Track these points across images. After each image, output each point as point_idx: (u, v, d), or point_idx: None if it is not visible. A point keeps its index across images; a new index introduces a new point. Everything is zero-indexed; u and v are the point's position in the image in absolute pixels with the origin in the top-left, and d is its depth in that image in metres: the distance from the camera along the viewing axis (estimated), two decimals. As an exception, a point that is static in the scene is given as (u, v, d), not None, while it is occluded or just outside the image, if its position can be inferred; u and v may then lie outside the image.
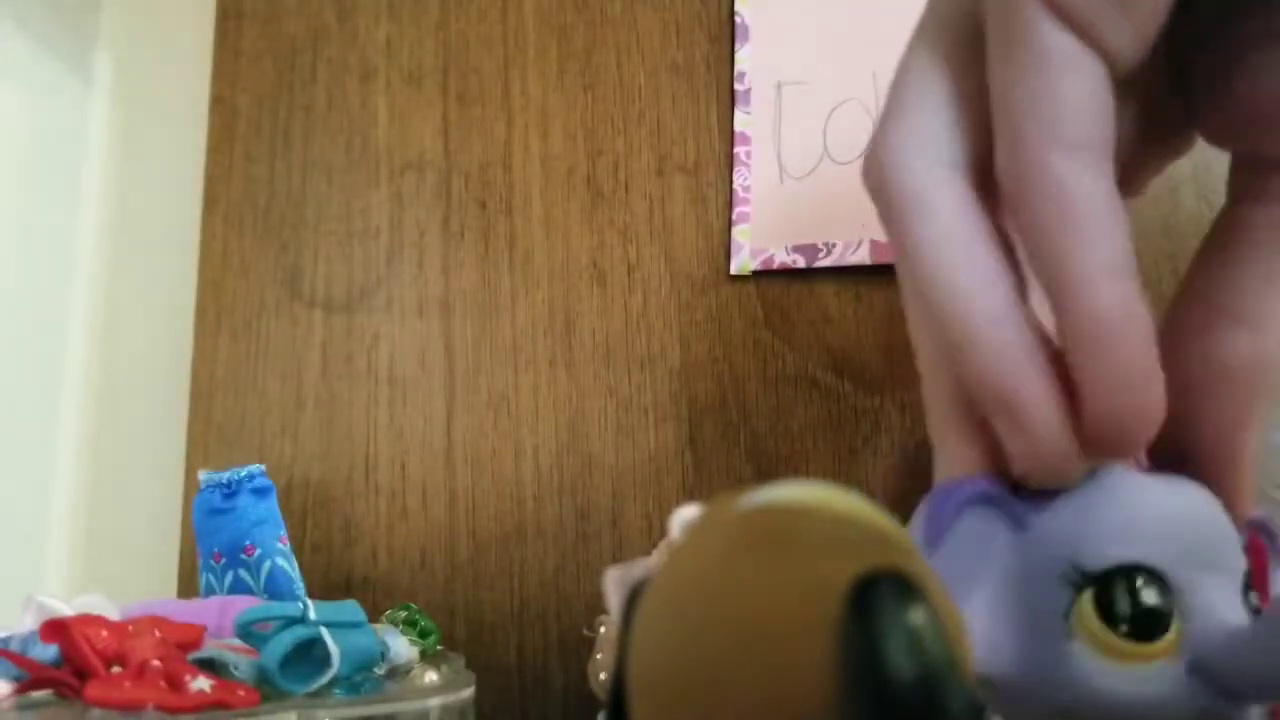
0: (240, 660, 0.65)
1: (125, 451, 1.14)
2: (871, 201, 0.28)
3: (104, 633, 0.58)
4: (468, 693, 0.77)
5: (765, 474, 0.97)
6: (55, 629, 0.58)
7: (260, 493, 0.97)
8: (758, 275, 1.01)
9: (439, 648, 0.89)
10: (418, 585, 1.05)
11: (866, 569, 0.17)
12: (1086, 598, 0.24)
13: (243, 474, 0.97)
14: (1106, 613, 0.23)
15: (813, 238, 1.00)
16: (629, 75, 1.09)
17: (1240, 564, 0.25)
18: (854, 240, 0.98)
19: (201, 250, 1.17)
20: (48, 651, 0.60)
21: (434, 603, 1.02)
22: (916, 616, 0.16)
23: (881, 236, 0.97)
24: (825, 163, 0.99)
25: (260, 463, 1.00)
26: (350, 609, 0.72)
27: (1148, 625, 0.23)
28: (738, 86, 1.05)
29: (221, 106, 1.20)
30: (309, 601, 0.69)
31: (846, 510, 0.19)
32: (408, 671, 0.77)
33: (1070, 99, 0.24)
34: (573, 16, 1.12)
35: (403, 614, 0.89)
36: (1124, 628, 0.23)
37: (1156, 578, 0.24)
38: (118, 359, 1.16)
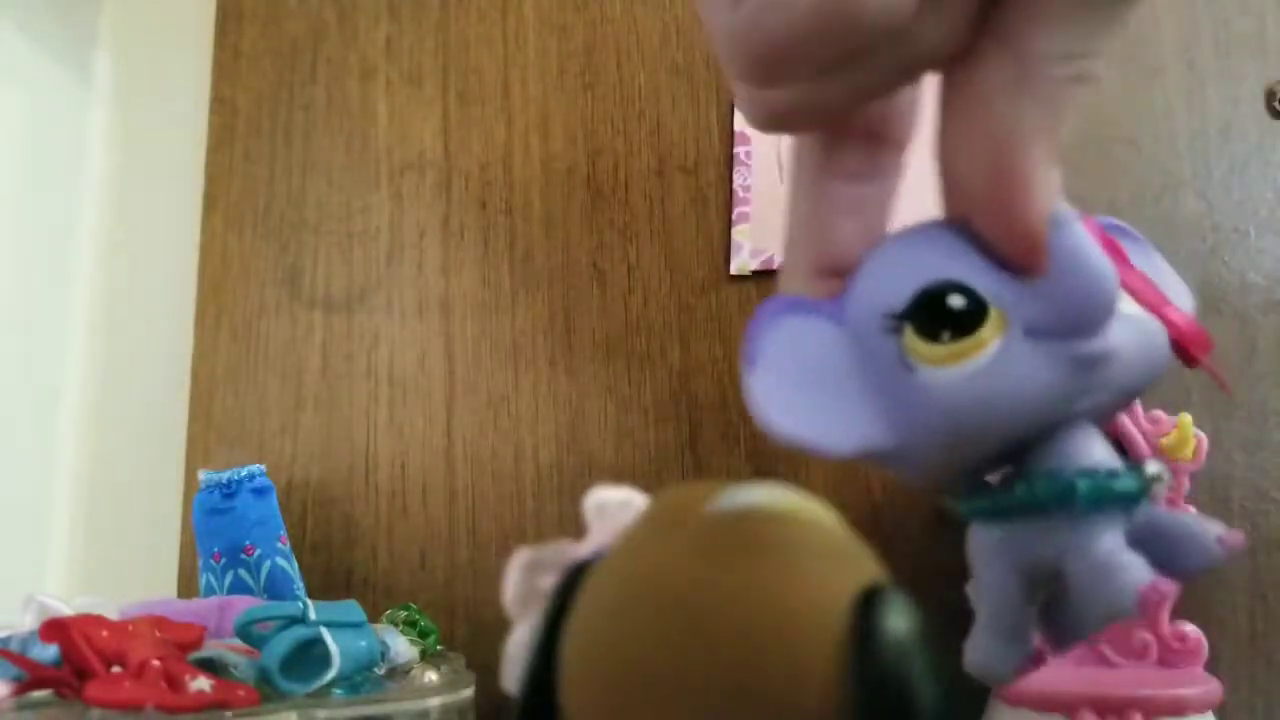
0: (240, 660, 0.65)
1: (125, 451, 1.14)
2: None
3: (104, 632, 0.58)
4: (467, 693, 0.77)
5: (765, 474, 0.97)
6: (55, 629, 0.58)
7: (260, 493, 0.97)
8: (757, 275, 1.01)
9: (439, 647, 0.89)
10: (418, 585, 1.05)
11: (867, 583, 0.17)
12: (908, 333, 0.25)
13: (243, 474, 0.97)
14: (927, 333, 0.25)
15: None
16: (629, 75, 1.09)
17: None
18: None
19: (201, 250, 1.17)
20: (47, 651, 0.60)
21: (434, 602, 1.02)
22: (918, 630, 0.16)
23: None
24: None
25: (260, 462, 1.00)
26: (350, 609, 0.72)
27: (966, 320, 0.24)
28: (738, 86, 1.05)
29: (222, 106, 1.20)
30: (309, 601, 0.69)
31: (824, 519, 0.19)
32: (408, 671, 0.77)
33: None
34: (573, 17, 1.12)
35: (403, 614, 0.89)
36: (946, 335, 0.24)
37: (961, 289, 0.25)
38: (118, 359, 1.16)
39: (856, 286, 0.27)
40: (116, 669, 0.57)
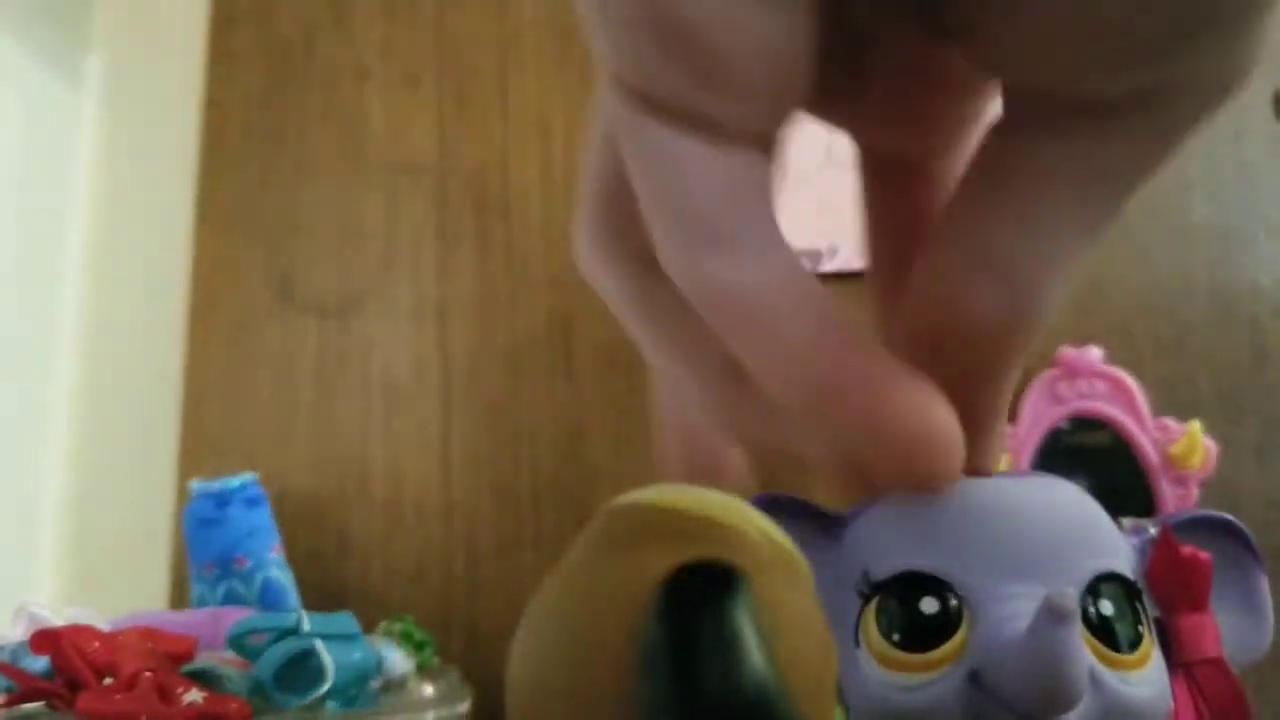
0: (233, 672, 0.64)
1: (116, 460, 1.13)
2: None
3: (95, 643, 0.58)
4: (464, 706, 0.76)
5: (768, 483, 0.96)
6: (46, 639, 0.57)
7: (252, 503, 0.96)
8: (759, 281, 1.00)
9: (435, 660, 0.88)
10: (414, 597, 1.03)
11: (685, 562, 0.16)
12: (870, 608, 0.25)
13: (235, 484, 0.96)
14: (883, 622, 0.24)
15: (817, 242, 0.99)
16: (628, 78, 1.09)
17: (1086, 570, 0.24)
18: (859, 244, 0.97)
19: (193, 255, 1.16)
20: (38, 662, 0.59)
21: (430, 615, 1.01)
22: (720, 615, 0.16)
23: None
24: (829, 166, 0.98)
25: (252, 471, 0.99)
26: (345, 621, 0.71)
27: (921, 635, 0.24)
28: (739, 90, 1.04)
29: (214, 108, 1.19)
30: (303, 613, 0.68)
31: (697, 507, 0.18)
32: (403, 684, 0.76)
33: (694, 194, 0.21)
34: (572, 17, 1.11)
35: (398, 626, 0.88)
36: (896, 637, 0.24)
37: (941, 586, 0.24)
38: (108, 365, 1.15)
39: (867, 515, 0.26)
40: (108, 680, 0.57)
